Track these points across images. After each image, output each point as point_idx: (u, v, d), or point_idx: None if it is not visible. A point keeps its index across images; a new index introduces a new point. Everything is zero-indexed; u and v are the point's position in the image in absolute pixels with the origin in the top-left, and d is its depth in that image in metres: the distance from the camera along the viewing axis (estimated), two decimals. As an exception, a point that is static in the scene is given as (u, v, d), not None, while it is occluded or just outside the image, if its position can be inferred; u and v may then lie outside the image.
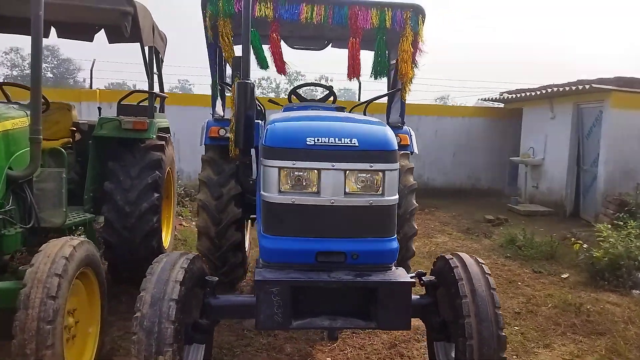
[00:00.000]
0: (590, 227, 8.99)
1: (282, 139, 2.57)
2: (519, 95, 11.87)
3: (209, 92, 5.21)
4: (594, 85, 8.99)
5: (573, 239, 7.37)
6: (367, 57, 4.76)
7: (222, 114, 5.33)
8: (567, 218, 10.37)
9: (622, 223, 6.58)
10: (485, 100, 13.99)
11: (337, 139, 2.54)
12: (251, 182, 3.62)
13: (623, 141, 9.05)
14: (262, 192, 2.61)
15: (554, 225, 9.42)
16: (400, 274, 2.63)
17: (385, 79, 5.06)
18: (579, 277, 6.06)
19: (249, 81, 3.44)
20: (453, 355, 3.22)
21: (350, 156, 2.53)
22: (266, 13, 4.25)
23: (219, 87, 5.20)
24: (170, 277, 2.72)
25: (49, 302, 2.60)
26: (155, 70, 5.69)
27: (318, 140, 2.52)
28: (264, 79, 52.44)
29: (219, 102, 5.36)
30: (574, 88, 9.53)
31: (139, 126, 4.94)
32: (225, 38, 4.38)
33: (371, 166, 2.55)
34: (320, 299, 2.40)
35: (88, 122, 5.44)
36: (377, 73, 4.62)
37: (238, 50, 4.28)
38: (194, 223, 8.33)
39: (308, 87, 6.03)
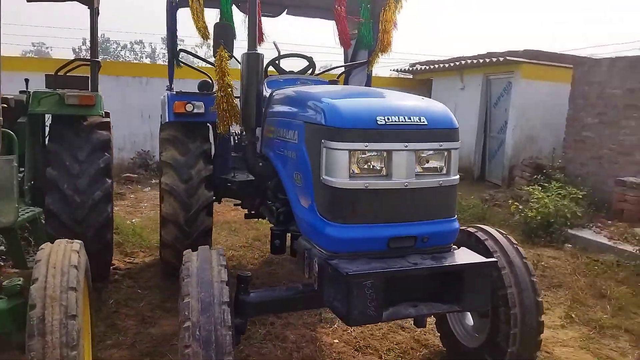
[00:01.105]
0: (498, 189, 9.92)
1: (351, 119, 2.34)
2: (429, 66, 12.43)
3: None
4: (507, 57, 9.72)
5: (497, 202, 8.04)
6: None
7: (170, 85, 4.83)
8: (475, 181, 11.26)
9: (539, 186, 7.24)
10: (396, 71, 14.44)
11: (407, 118, 2.38)
12: (261, 164, 3.31)
13: (530, 109, 9.96)
14: (326, 177, 2.36)
15: (465, 188, 10.13)
16: (472, 254, 2.59)
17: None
18: (515, 236, 6.61)
19: (259, 52, 3.12)
20: (469, 323, 3.35)
21: (420, 135, 2.40)
22: None
23: (174, 56, 4.67)
24: (213, 277, 2.42)
25: (71, 323, 2.15)
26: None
27: (389, 119, 2.34)
28: (137, 43, 48.60)
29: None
30: (487, 60, 10.21)
31: (86, 101, 4.24)
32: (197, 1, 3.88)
33: (440, 145, 2.44)
34: (400, 287, 2.28)
35: (14, 97, 4.55)
36: (365, 44, 4.46)
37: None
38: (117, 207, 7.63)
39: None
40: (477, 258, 2.49)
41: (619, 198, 6.78)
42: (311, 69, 4.79)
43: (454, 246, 2.58)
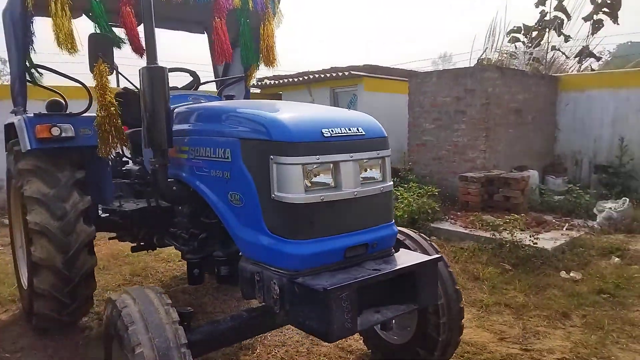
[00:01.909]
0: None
1: (299, 133, 2.26)
2: (278, 81, 12.77)
3: None
4: (352, 72, 10.50)
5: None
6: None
7: (23, 107, 4.12)
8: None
9: (400, 187, 8.01)
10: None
11: (348, 129, 2.41)
12: (174, 188, 3.00)
13: (375, 118, 10.85)
14: (279, 194, 2.25)
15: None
16: (414, 254, 2.70)
17: None
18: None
19: (163, 66, 2.85)
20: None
21: (361, 145, 2.44)
22: None
23: (27, 72, 3.97)
24: (162, 319, 2.14)
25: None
26: None
27: (333, 131, 2.34)
28: None
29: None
30: (334, 74, 10.90)
31: None
32: (61, 8, 3.38)
33: (378, 154, 2.52)
34: (361, 295, 2.28)
35: None
36: (248, 59, 4.36)
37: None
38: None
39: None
40: (423, 257, 2.65)
41: (463, 191, 7.84)
42: (195, 85, 4.56)
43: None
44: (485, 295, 4.72)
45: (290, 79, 12.19)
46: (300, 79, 11.96)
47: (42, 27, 3.87)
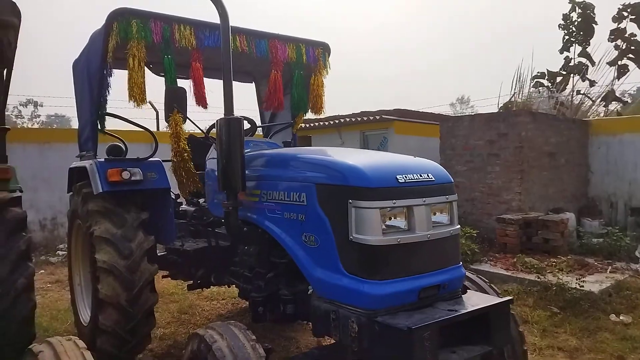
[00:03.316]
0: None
1: (376, 179, 2.42)
2: (308, 124, 13.10)
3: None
4: (383, 116, 10.78)
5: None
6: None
7: (94, 152, 4.39)
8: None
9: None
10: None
11: (419, 175, 2.56)
12: (245, 229, 3.17)
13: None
14: (357, 235, 2.39)
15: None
16: (484, 295, 2.78)
17: None
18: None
19: (239, 117, 3.08)
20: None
21: (432, 190, 2.58)
22: (188, 42, 3.81)
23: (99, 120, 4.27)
24: (250, 355, 2.25)
25: None
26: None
27: (406, 177, 2.49)
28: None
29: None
30: (365, 119, 11.18)
31: (3, 175, 3.63)
32: (138, 64, 3.69)
33: (447, 198, 2.66)
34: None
35: None
36: (299, 108, 4.64)
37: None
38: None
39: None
40: (495, 298, 2.72)
41: (500, 233, 7.84)
42: (252, 132, 4.81)
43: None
44: (536, 338, 4.68)
45: (321, 122, 12.53)
46: (331, 122, 12.29)
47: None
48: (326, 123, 12.48)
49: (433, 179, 2.63)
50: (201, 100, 3.91)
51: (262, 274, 3.29)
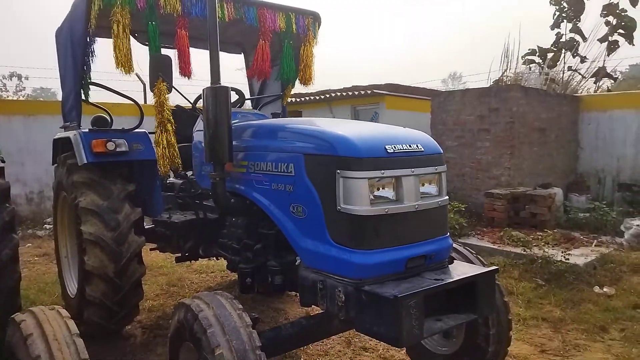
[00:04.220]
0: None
1: (365, 149, 2.39)
2: (299, 99, 12.99)
3: None
4: (374, 90, 10.68)
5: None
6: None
7: (78, 122, 4.30)
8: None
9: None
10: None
11: (408, 145, 2.53)
12: (232, 200, 3.13)
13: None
14: (345, 206, 2.37)
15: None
16: (470, 265, 2.80)
17: None
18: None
19: (226, 85, 3.01)
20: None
21: (421, 161, 2.56)
22: (174, 8, 3.68)
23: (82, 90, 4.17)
24: (237, 323, 2.25)
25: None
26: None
27: (395, 147, 2.46)
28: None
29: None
30: (356, 93, 11.08)
31: None
32: (123, 30, 3.57)
33: (436, 169, 2.64)
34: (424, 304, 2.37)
35: None
36: (288, 78, 4.55)
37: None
38: None
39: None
40: (481, 268, 2.73)
41: (488, 208, 7.89)
42: (240, 103, 4.73)
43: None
44: (521, 309, 4.75)
45: (312, 97, 12.41)
46: (322, 97, 12.17)
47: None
48: (317, 97, 12.37)
49: (422, 149, 2.60)
50: (185, 70, 3.81)
51: (250, 246, 3.27)
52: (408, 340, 2.23)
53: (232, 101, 4.69)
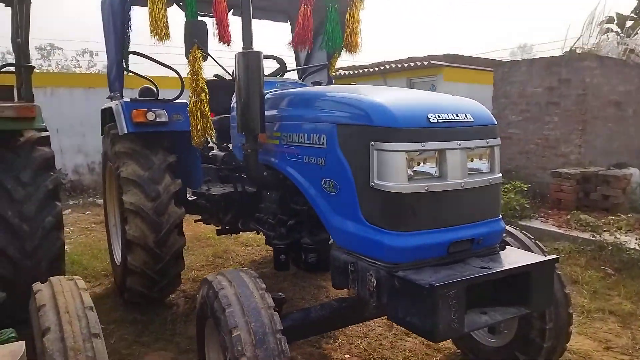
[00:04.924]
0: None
1: (404, 118, 2.13)
2: (352, 72, 12.61)
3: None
4: (431, 61, 10.12)
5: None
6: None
7: (120, 92, 4.28)
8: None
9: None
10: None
11: (455, 115, 2.23)
12: (265, 173, 2.97)
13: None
14: (379, 182, 2.13)
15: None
16: (525, 253, 2.50)
17: None
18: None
19: (259, 50, 2.81)
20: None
21: (470, 133, 2.26)
22: None
23: (124, 59, 4.13)
24: (258, 304, 2.09)
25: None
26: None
27: (439, 117, 2.18)
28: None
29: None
30: (412, 64, 10.56)
31: (26, 113, 3.58)
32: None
33: (487, 142, 2.33)
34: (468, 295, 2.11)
35: None
36: (334, 45, 4.27)
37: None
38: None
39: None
40: (538, 257, 2.41)
41: (555, 188, 7.29)
42: (281, 72, 4.53)
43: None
44: (585, 300, 4.32)
45: (365, 69, 11.99)
46: (376, 69, 11.72)
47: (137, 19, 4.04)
48: (370, 70, 11.93)
49: (472, 119, 2.29)
50: (224, 36, 3.64)
51: (284, 221, 3.12)
52: (444, 335, 1.98)
53: (272, 70, 4.54)
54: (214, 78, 4.62)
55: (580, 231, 5.94)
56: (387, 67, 11.60)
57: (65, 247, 5.90)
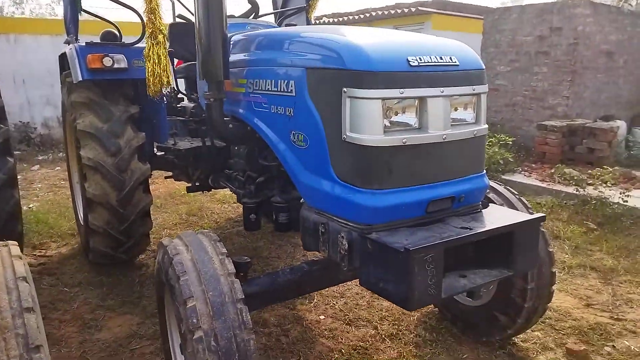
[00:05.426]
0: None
1: (380, 61, 1.86)
2: (337, 19, 12.05)
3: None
4: (419, 8, 9.65)
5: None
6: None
7: (75, 35, 3.91)
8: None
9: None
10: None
11: (438, 57, 1.97)
12: (230, 126, 2.69)
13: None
14: (352, 134, 1.89)
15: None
16: (509, 210, 2.32)
17: None
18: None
19: None
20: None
21: (454, 78, 2.01)
22: None
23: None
24: (217, 270, 1.88)
25: (37, 358, 1.52)
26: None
27: (421, 60, 1.91)
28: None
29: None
30: (398, 11, 10.07)
31: None
32: None
33: (473, 89, 2.09)
34: (446, 257, 1.93)
35: None
36: None
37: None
38: None
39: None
40: (522, 215, 2.23)
41: (540, 142, 7.13)
42: (253, 14, 4.16)
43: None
44: (567, 256, 4.24)
45: (350, 17, 11.45)
46: (361, 16, 11.20)
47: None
48: (355, 17, 11.41)
49: (457, 63, 2.03)
50: None
51: (253, 178, 2.88)
52: (420, 303, 1.82)
53: (244, 12, 4.16)
54: (179, 20, 4.23)
55: (564, 185, 5.83)
56: (373, 14, 11.08)
57: (31, 205, 5.71)
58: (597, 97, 8.19)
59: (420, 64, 1.93)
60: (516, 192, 2.87)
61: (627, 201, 5.04)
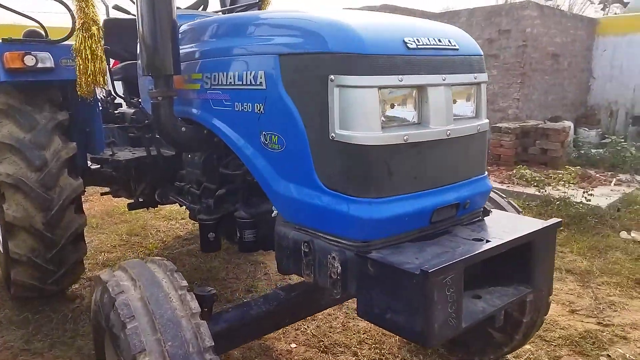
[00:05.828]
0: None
1: (373, 42, 1.51)
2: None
3: None
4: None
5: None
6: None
7: None
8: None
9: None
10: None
11: (436, 40, 1.66)
12: (183, 129, 2.24)
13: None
14: (342, 132, 1.53)
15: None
16: (517, 216, 2.03)
17: None
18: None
19: None
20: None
21: (455, 64, 1.71)
22: None
23: None
24: (176, 311, 1.46)
25: None
26: None
27: (419, 41, 1.59)
28: None
29: None
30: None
31: None
32: None
33: (475, 77, 1.80)
34: None
35: None
36: None
37: None
38: None
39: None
40: (534, 221, 1.95)
41: (495, 144, 7.10)
42: (202, 5, 3.72)
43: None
44: (541, 260, 4.09)
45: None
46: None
47: None
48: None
49: (456, 47, 1.74)
50: None
51: (211, 191, 2.45)
52: (440, 336, 1.47)
53: (192, 3, 3.72)
54: (116, 13, 3.73)
55: (524, 186, 5.77)
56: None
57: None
58: (544, 99, 8.34)
59: (419, 47, 1.61)
60: (504, 195, 2.63)
61: (590, 200, 5.01)
